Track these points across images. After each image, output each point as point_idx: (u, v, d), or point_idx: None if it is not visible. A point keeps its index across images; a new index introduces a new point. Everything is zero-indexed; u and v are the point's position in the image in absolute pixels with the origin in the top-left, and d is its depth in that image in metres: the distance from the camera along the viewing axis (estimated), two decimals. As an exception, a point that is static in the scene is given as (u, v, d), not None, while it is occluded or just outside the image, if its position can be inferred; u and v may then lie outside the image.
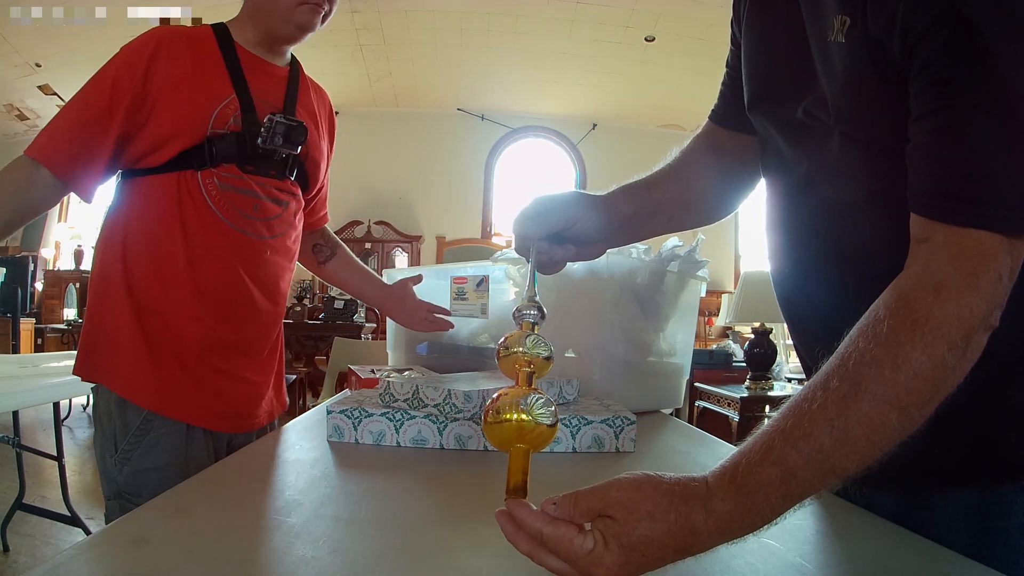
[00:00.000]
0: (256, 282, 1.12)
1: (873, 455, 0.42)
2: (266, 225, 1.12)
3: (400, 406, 0.85)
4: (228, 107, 1.06)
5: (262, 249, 1.12)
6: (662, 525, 0.40)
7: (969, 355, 0.44)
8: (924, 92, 0.46)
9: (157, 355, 1.04)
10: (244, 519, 0.53)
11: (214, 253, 1.07)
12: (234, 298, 1.10)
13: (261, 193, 1.11)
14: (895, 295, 0.45)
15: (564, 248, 0.66)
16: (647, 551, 0.40)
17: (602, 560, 0.40)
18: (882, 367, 0.42)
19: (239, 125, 1.07)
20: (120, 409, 1.03)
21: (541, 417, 0.44)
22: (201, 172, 1.05)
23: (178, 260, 1.05)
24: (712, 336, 6.85)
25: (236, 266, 1.09)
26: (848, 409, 0.42)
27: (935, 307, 0.43)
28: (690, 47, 6.24)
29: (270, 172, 1.11)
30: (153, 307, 1.05)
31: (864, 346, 0.43)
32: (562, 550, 0.41)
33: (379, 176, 8.06)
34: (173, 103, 1.03)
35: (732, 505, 0.41)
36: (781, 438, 0.42)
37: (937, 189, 0.46)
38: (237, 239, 1.09)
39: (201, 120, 1.04)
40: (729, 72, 0.76)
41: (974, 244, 0.44)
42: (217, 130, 1.05)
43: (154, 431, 1.03)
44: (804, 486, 0.42)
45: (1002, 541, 0.54)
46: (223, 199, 1.07)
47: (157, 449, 1.03)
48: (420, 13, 6.07)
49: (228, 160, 1.06)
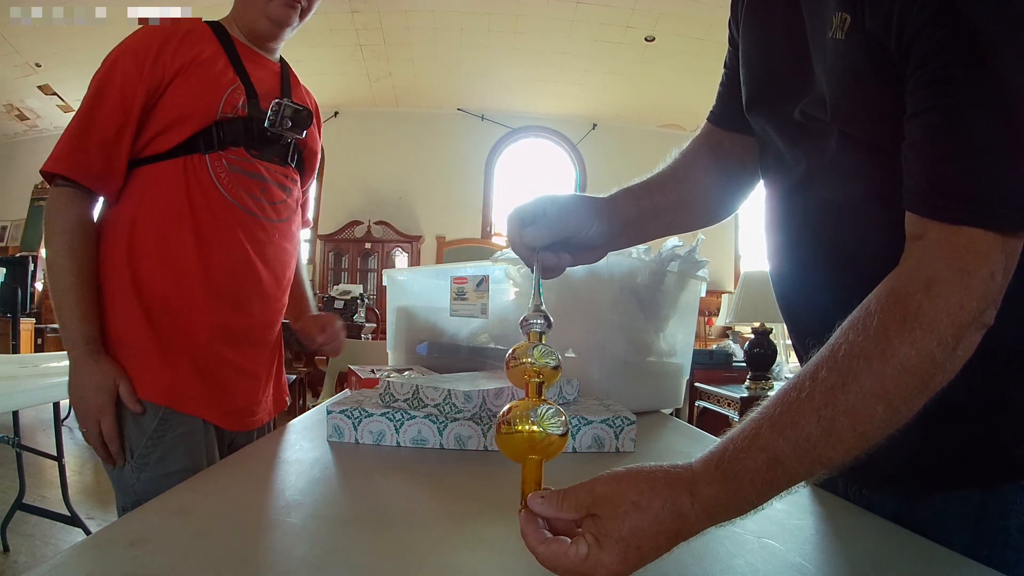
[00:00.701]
0: (266, 266, 1.11)
1: (859, 446, 0.43)
2: (274, 208, 1.12)
3: (400, 406, 0.85)
4: (235, 92, 1.07)
5: (271, 232, 1.12)
6: (649, 513, 0.41)
7: (960, 352, 0.44)
8: (920, 90, 0.46)
9: (168, 351, 1.03)
10: (244, 519, 0.53)
11: (224, 236, 1.06)
12: (244, 283, 1.09)
13: (268, 177, 1.11)
14: (887, 290, 0.45)
15: (560, 256, 0.65)
16: (640, 541, 0.40)
17: (600, 561, 0.40)
18: (870, 360, 0.42)
19: (246, 110, 1.08)
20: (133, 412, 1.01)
21: (552, 428, 0.44)
22: (209, 155, 1.05)
23: (187, 247, 1.04)
24: (712, 336, 6.85)
25: (247, 249, 1.08)
26: (835, 400, 0.42)
27: (925, 303, 0.43)
28: (690, 47, 6.24)
29: (274, 157, 1.12)
30: (162, 301, 1.03)
31: (854, 338, 0.43)
32: (559, 566, 0.41)
33: (379, 176, 8.06)
34: (183, 87, 1.03)
35: (718, 490, 0.42)
36: (769, 425, 0.43)
37: (931, 187, 0.46)
38: (246, 221, 1.08)
39: (211, 103, 1.04)
40: (727, 73, 0.76)
41: (967, 242, 0.44)
42: (226, 114, 1.05)
43: (171, 431, 1.01)
44: (790, 474, 0.42)
45: (1002, 541, 0.54)
46: (232, 181, 1.07)
47: (177, 452, 1.00)
48: (420, 13, 6.07)
49: (236, 144, 1.07)
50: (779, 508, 0.61)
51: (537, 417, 0.44)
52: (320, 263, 7.99)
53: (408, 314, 1.54)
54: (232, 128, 1.06)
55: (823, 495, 0.67)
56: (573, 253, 0.66)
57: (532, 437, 0.44)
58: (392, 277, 1.63)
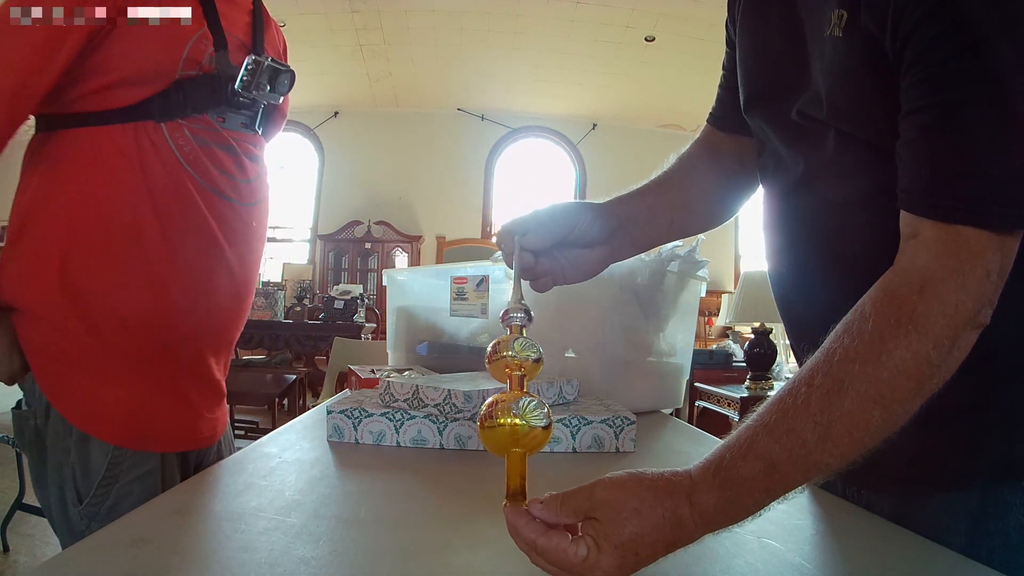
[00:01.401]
0: (242, 264, 0.92)
1: (856, 451, 0.43)
2: (248, 188, 0.92)
3: (400, 406, 0.85)
4: (200, 43, 0.84)
5: (248, 220, 0.92)
6: (649, 520, 0.41)
7: (956, 353, 0.43)
8: (915, 88, 0.46)
9: (116, 371, 0.83)
10: (244, 519, 0.53)
11: (194, 226, 0.84)
12: (216, 286, 0.89)
13: (239, 149, 0.90)
14: (881, 291, 0.45)
15: (559, 261, 0.64)
16: (639, 548, 0.40)
17: (598, 565, 0.40)
18: (866, 364, 0.42)
19: (212, 66, 0.85)
20: (80, 446, 0.81)
21: (534, 420, 0.44)
22: (167, 124, 0.82)
23: (146, 244, 0.82)
24: (712, 336, 6.85)
25: (222, 245, 0.88)
26: (831, 405, 0.42)
27: (920, 304, 0.43)
28: (690, 47, 6.24)
29: (240, 123, 0.91)
30: (110, 308, 0.82)
31: (849, 342, 0.43)
32: (556, 560, 0.41)
33: (379, 176, 8.06)
34: (132, 37, 0.79)
35: (716, 498, 0.42)
36: (765, 432, 0.43)
37: (926, 186, 0.45)
38: (222, 209, 0.87)
39: (171, 60, 0.82)
40: (725, 75, 0.76)
41: (962, 241, 0.43)
42: (188, 71, 0.83)
43: (124, 476, 0.82)
44: (787, 480, 0.42)
45: (1001, 542, 0.54)
46: (199, 157, 0.85)
47: (131, 499, 0.81)
48: (420, 13, 6.07)
49: (199, 109, 0.85)
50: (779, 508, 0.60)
51: (519, 409, 0.44)
52: (320, 263, 7.99)
53: (408, 314, 1.54)
54: (195, 88, 0.84)
55: (823, 495, 0.67)
56: (572, 257, 0.65)
57: (514, 430, 0.43)
58: (392, 277, 1.63)
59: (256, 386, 3.96)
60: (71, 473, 0.81)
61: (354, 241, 7.93)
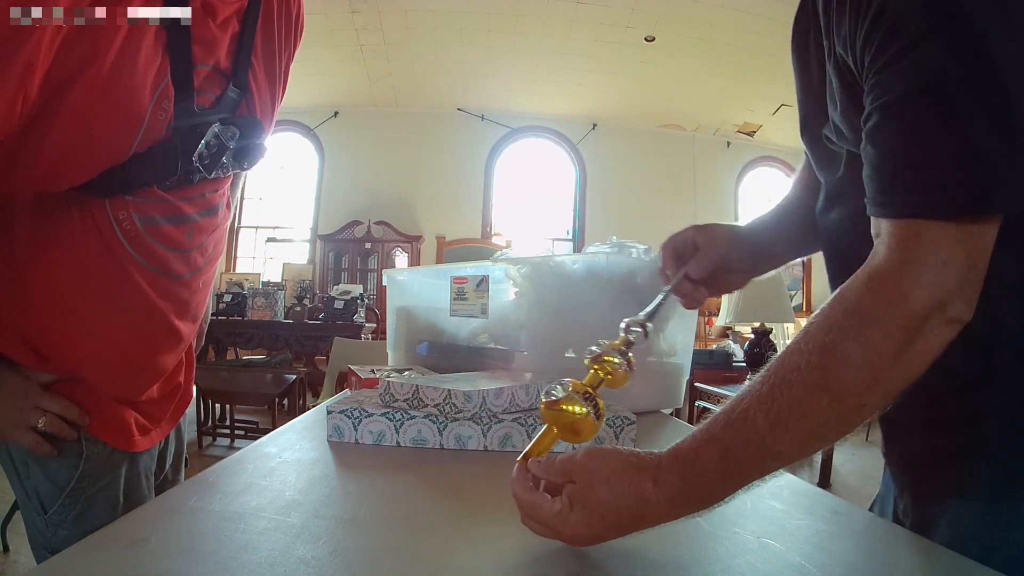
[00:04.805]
0: (187, 321, 0.85)
1: (811, 441, 0.45)
2: (201, 251, 0.81)
3: (400, 406, 0.85)
4: (159, 109, 0.68)
5: (195, 285, 0.83)
6: (616, 490, 0.45)
7: (919, 346, 0.44)
8: (866, 97, 0.48)
9: None
10: (244, 519, 0.53)
11: (131, 311, 0.76)
12: (162, 347, 0.82)
13: (192, 212, 0.78)
14: (837, 291, 0.47)
15: (698, 290, 0.75)
16: (605, 512, 0.45)
17: (568, 520, 0.45)
18: (812, 354, 0.45)
19: (168, 132, 0.70)
20: (39, 458, 0.77)
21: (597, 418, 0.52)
22: (110, 201, 0.70)
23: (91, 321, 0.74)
24: (712, 336, 6.85)
25: (168, 317, 0.80)
26: (781, 394, 0.44)
27: (867, 296, 0.44)
28: (690, 47, 6.24)
29: (199, 178, 0.76)
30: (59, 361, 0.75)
31: (802, 336, 0.46)
32: (535, 514, 0.47)
33: (379, 176, 8.07)
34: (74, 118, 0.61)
35: (677, 478, 0.45)
36: (723, 419, 0.46)
37: (879, 187, 0.47)
38: (167, 286, 0.78)
39: (124, 142, 0.67)
40: None
41: (912, 233, 0.45)
42: (140, 150, 0.68)
43: (91, 487, 0.78)
44: (742, 466, 0.45)
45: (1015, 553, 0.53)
46: (145, 239, 0.73)
47: (96, 508, 0.78)
48: (420, 13, 6.07)
49: (147, 184, 0.71)
50: (779, 508, 0.61)
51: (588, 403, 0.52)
52: (320, 263, 8.00)
53: (408, 314, 1.54)
54: (143, 163, 0.69)
55: (823, 495, 0.67)
56: (716, 279, 0.76)
57: (575, 416, 0.51)
58: (392, 277, 1.63)
59: (256, 386, 3.96)
60: (33, 486, 0.78)
61: (354, 241, 7.94)
